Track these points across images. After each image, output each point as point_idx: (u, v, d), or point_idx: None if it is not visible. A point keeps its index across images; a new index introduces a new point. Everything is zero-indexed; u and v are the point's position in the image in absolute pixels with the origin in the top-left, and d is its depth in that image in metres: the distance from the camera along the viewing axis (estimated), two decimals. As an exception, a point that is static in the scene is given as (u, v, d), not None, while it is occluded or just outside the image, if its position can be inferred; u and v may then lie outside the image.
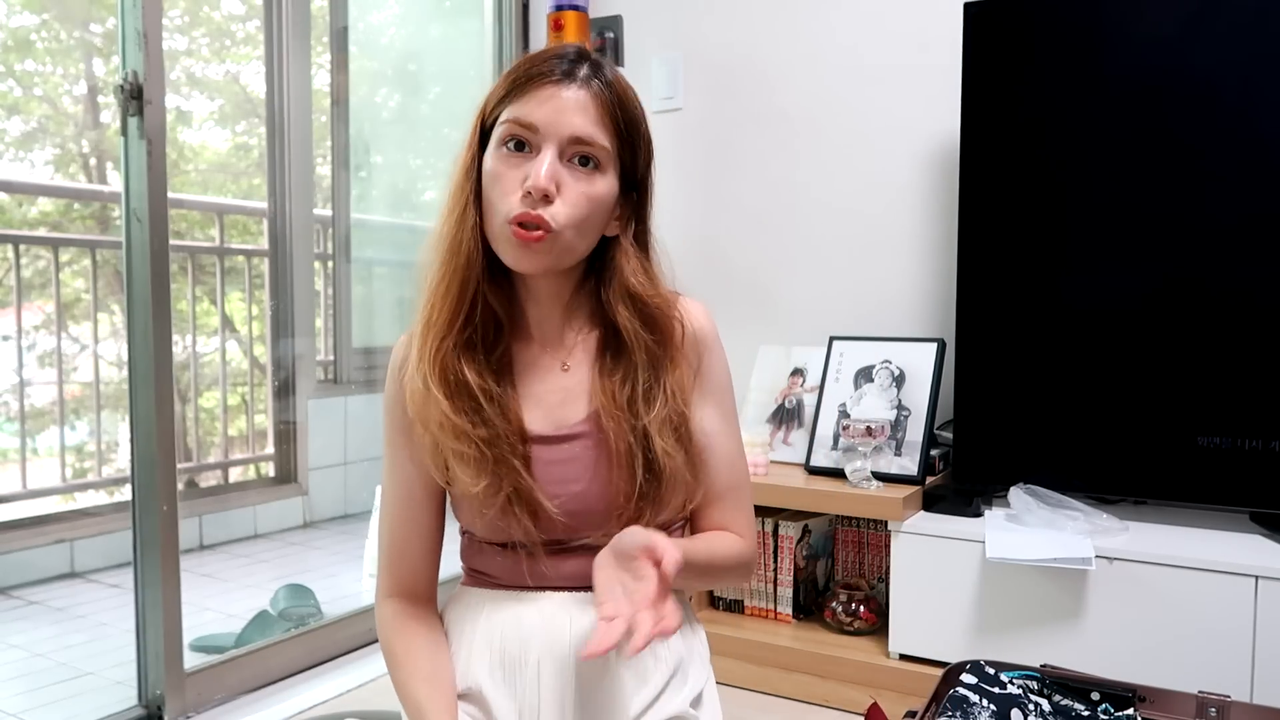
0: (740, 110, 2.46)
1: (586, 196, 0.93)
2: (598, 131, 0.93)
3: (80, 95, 4.00)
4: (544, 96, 0.92)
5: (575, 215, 0.93)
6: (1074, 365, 1.88)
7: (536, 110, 0.92)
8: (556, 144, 0.92)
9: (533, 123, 0.92)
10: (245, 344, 3.68)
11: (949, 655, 1.73)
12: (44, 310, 3.18)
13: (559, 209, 0.92)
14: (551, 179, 0.91)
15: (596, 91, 0.94)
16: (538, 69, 0.94)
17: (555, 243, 0.92)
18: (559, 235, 0.92)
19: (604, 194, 0.95)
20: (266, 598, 2.48)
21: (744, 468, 1.08)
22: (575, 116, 0.92)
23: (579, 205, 0.93)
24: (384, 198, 3.35)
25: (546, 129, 0.92)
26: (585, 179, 0.93)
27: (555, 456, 0.98)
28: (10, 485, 2.97)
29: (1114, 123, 1.84)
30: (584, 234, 0.95)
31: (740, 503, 1.06)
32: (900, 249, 2.28)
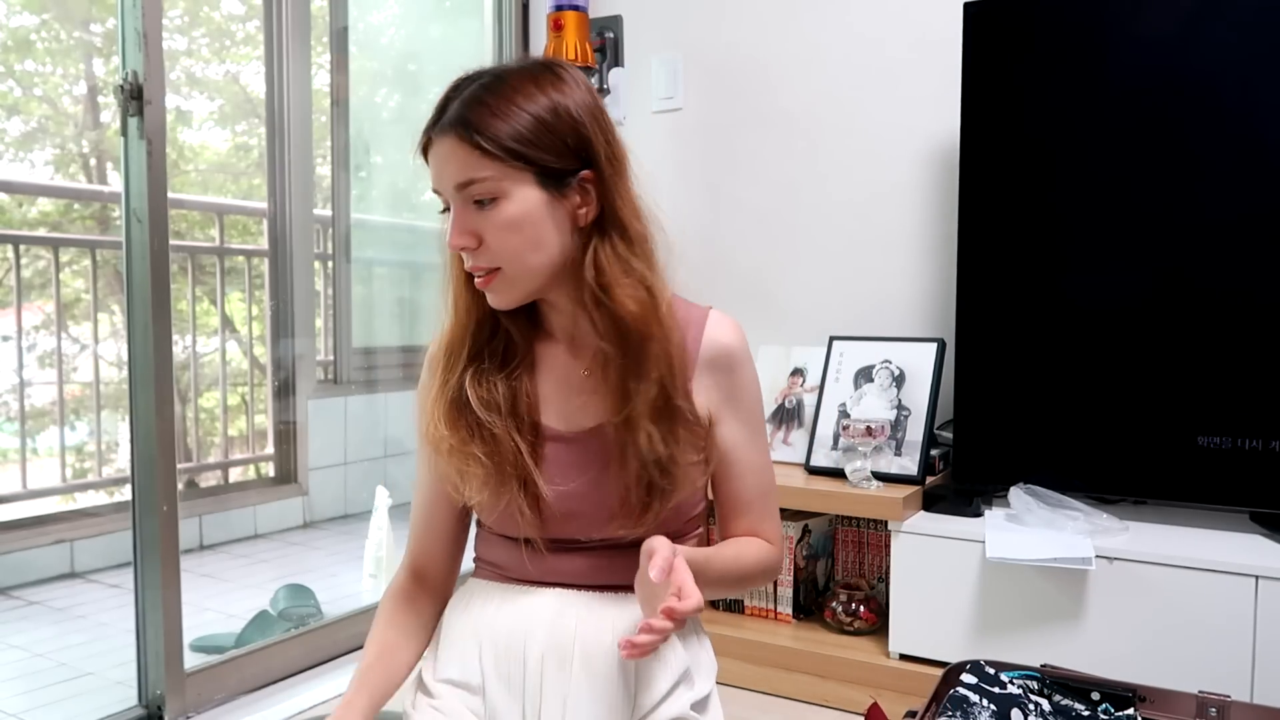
0: (740, 110, 2.46)
1: (501, 228, 0.94)
2: (473, 168, 0.93)
3: (80, 95, 4.00)
4: (430, 157, 0.97)
5: (503, 249, 0.95)
6: (1074, 365, 1.88)
7: (431, 172, 0.97)
8: (454, 198, 0.95)
9: (433, 186, 0.98)
10: (245, 344, 3.68)
11: (949, 655, 1.73)
12: (44, 310, 3.18)
13: (485, 252, 0.95)
14: (461, 235, 0.95)
15: (454, 134, 0.93)
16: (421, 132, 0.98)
17: (506, 278, 0.96)
18: (503, 272, 0.96)
19: (520, 214, 0.94)
20: (266, 598, 2.48)
21: (771, 477, 1.10)
22: (448, 167, 0.94)
23: (500, 239, 0.94)
24: (384, 198, 3.35)
25: (441, 188, 0.97)
26: (491, 214, 0.94)
27: (564, 455, 1.00)
28: (10, 485, 2.97)
29: (1114, 122, 1.84)
30: (529, 256, 0.95)
31: (768, 510, 1.09)
32: (900, 249, 2.28)
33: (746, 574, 1.04)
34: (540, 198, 0.95)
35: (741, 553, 1.04)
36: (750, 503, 1.07)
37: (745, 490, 1.06)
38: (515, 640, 0.99)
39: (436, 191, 0.98)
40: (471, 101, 0.94)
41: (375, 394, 3.41)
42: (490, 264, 0.96)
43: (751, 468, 1.07)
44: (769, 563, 1.07)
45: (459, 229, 0.95)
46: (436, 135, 0.95)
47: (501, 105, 0.94)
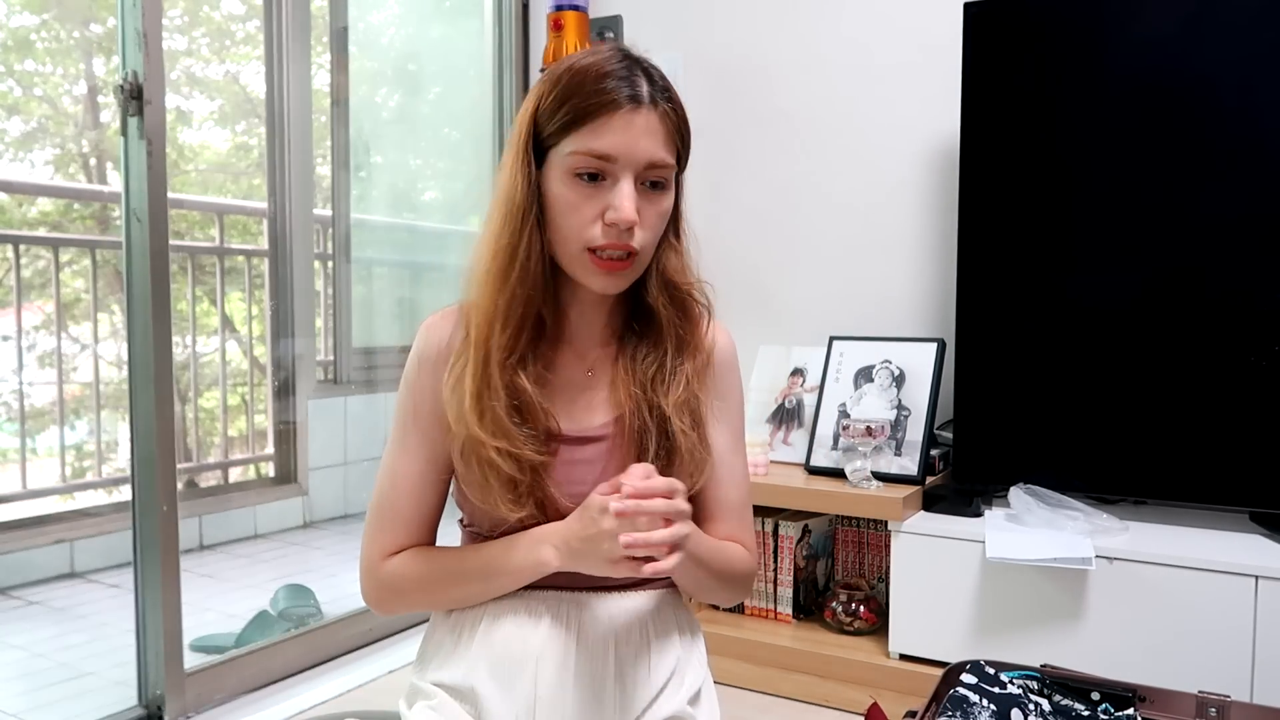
0: (740, 110, 2.46)
1: (659, 216, 0.96)
2: (667, 154, 0.94)
3: (80, 95, 4.00)
4: (616, 125, 0.91)
5: (653, 237, 0.96)
6: (1074, 365, 1.88)
7: (610, 140, 0.91)
8: (633, 172, 0.92)
9: (608, 153, 0.91)
10: (245, 344, 3.68)
11: (949, 655, 1.73)
12: (44, 310, 3.18)
13: (640, 235, 0.94)
14: (636, 210, 0.92)
15: (664, 113, 0.94)
16: (603, 96, 0.91)
17: (637, 264, 0.96)
18: (641, 257, 0.96)
19: (669, 206, 0.98)
20: (266, 598, 2.48)
21: (748, 487, 1.12)
22: (648, 143, 0.92)
23: (656, 227, 0.96)
24: (384, 198, 3.35)
25: (623, 158, 0.92)
26: (658, 200, 0.95)
27: (575, 457, 1.00)
28: (10, 485, 2.96)
29: (1114, 122, 1.84)
30: (654, 247, 0.99)
31: (745, 520, 1.09)
32: (900, 249, 2.28)
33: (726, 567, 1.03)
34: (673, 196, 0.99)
35: (722, 546, 1.04)
36: (731, 509, 1.07)
37: (727, 496, 1.07)
38: (514, 645, 0.98)
39: (603, 157, 0.91)
40: (666, 86, 0.95)
41: (375, 394, 3.40)
42: (639, 245, 0.94)
43: (733, 475, 1.07)
44: (747, 569, 1.07)
45: (636, 205, 0.92)
46: (645, 109, 0.92)
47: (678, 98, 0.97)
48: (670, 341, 1.01)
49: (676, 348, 1.01)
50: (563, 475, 0.98)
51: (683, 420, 0.98)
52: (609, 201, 0.92)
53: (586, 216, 0.92)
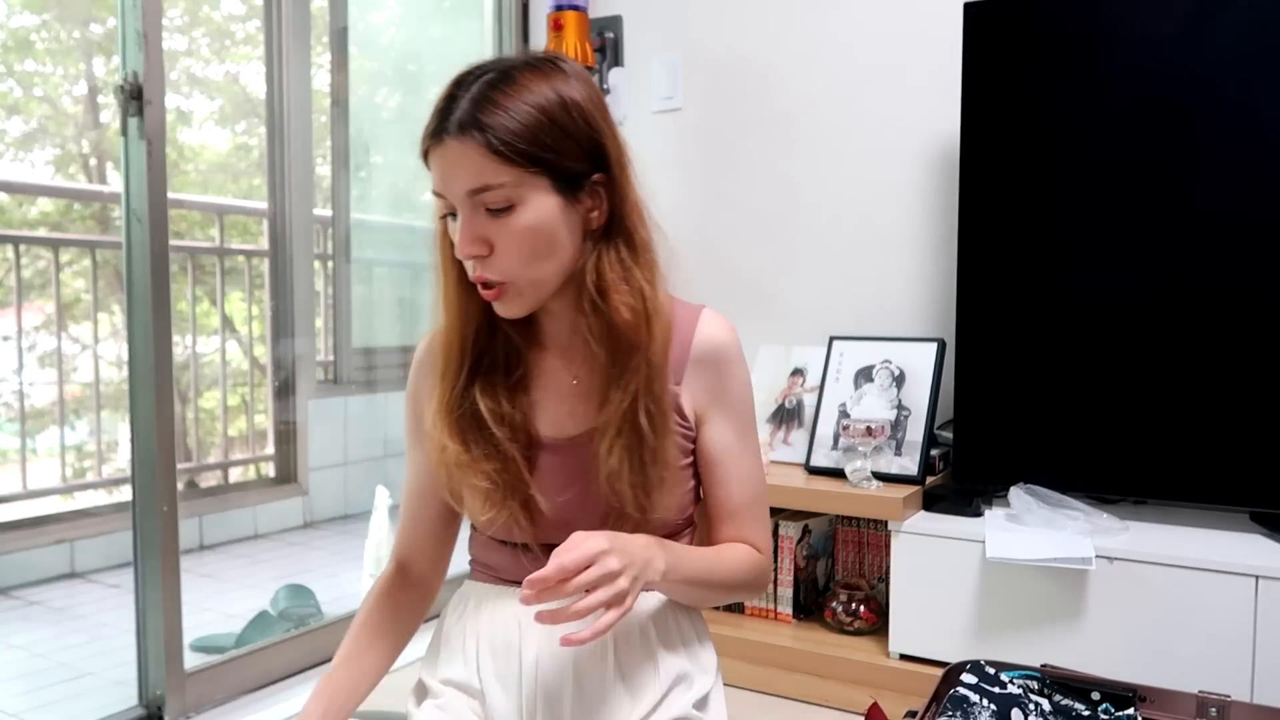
0: (740, 110, 2.46)
1: (514, 237, 0.90)
2: (488, 174, 0.88)
3: (80, 95, 4.00)
4: (434, 161, 0.91)
5: (516, 259, 0.91)
6: (1074, 365, 1.88)
7: (435, 177, 0.92)
8: (462, 204, 0.90)
9: (437, 190, 0.92)
10: (245, 344, 3.68)
11: (949, 655, 1.73)
12: (44, 310, 3.18)
13: (496, 262, 0.91)
14: (472, 243, 0.90)
15: (471, 137, 0.88)
16: (428, 127, 0.91)
17: (516, 289, 0.93)
18: (512, 284, 0.92)
19: (536, 221, 0.90)
20: (266, 598, 2.48)
21: (762, 483, 1.07)
22: (459, 172, 0.89)
23: (514, 248, 0.90)
24: (384, 198, 3.35)
25: (448, 192, 0.91)
26: (506, 221, 0.90)
27: (557, 463, 1.00)
28: (10, 485, 2.96)
29: (1114, 123, 1.84)
30: (540, 265, 0.92)
31: (757, 517, 1.06)
32: (900, 249, 2.28)
33: (728, 578, 1.01)
34: (555, 204, 0.91)
35: (722, 556, 1.02)
36: (737, 509, 1.04)
37: (732, 496, 1.03)
38: (512, 643, 0.99)
39: (440, 195, 0.92)
40: (482, 100, 0.88)
41: (375, 394, 3.41)
42: (501, 275, 0.91)
43: (739, 473, 1.04)
44: (756, 570, 1.04)
45: (470, 236, 0.90)
46: (445, 137, 0.89)
47: (514, 104, 0.89)
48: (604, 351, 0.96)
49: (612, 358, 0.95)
50: (548, 480, 0.99)
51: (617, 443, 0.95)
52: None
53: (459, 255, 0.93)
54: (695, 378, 1.01)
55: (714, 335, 1.02)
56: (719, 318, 1.04)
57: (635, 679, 0.97)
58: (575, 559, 0.83)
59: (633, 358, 0.95)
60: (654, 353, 0.96)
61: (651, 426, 0.95)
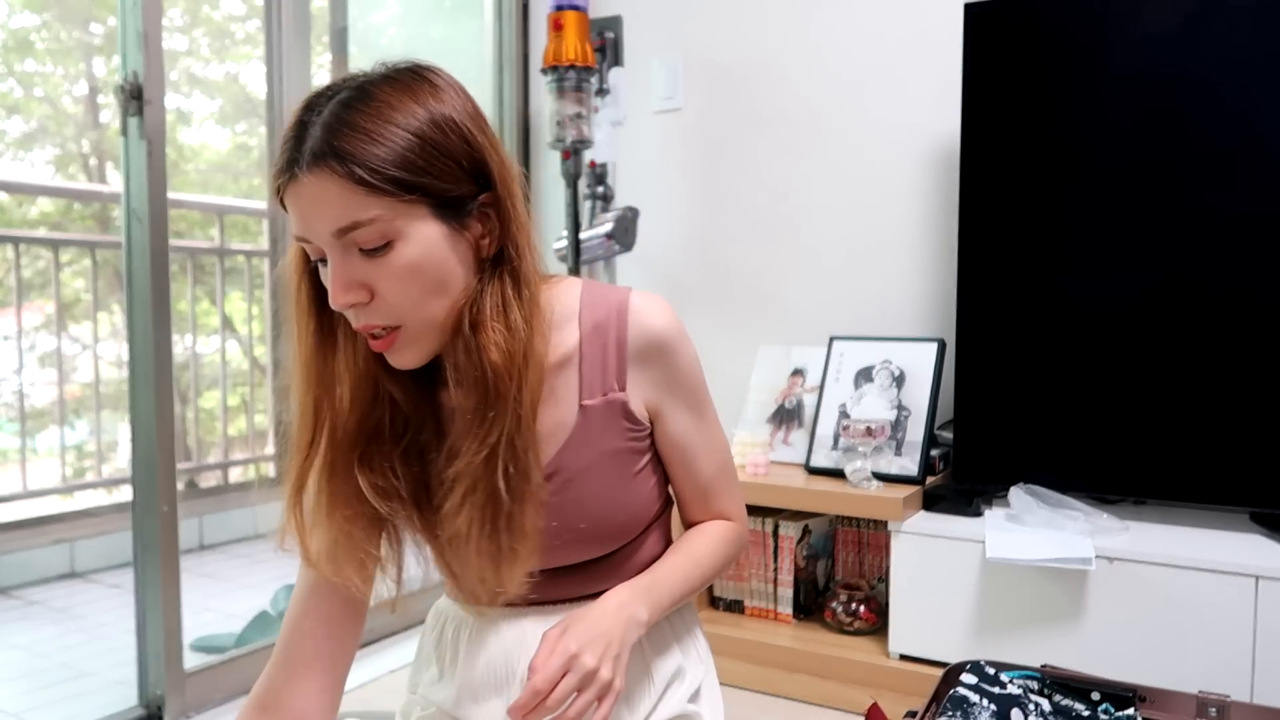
0: (740, 110, 2.46)
1: (399, 276, 0.79)
2: (355, 208, 0.76)
3: (80, 95, 4.01)
4: (290, 201, 0.79)
5: (403, 301, 0.80)
6: (1074, 365, 1.88)
7: (294, 220, 0.79)
8: (331, 248, 0.78)
9: (299, 235, 0.80)
10: (245, 344, 3.69)
11: (949, 655, 1.73)
12: (44, 310, 3.18)
13: (381, 306, 0.80)
14: (347, 290, 0.78)
15: (327, 166, 0.76)
16: (277, 166, 0.79)
17: (410, 334, 0.82)
18: (405, 328, 0.81)
19: (420, 256, 0.79)
20: (266, 598, 2.48)
21: (726, 451, 1.02)
22: (321, 210, 0.77)
23: (398, 290, 0.79)
24: (384, 198, 3.35)
25: (312, 235, 0.79)
26: (385, 260, 0.78)
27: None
28: (10, 485, 2.97)
29: (1115, 123, 1.84)
30: (432, 303, 0.81)
31: (727, 487, 1.02)
32: (900, 249, 2.28)
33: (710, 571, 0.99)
34: (439, 232, 0.80)
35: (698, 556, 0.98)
36: (708, 485, 1.00)
37: (700, 474, 0.99)
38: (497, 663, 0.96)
39: (303, 239, 0.80)
40: (337, 126, 0.76)
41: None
42: (389, 319, 0.80)
43: (703, 451, 0.98)
44: (734, 546, 1.02)
45: (344, 283, 0.78)
46: (298, 172, 0.77)
47: (377, 125, 0.77)
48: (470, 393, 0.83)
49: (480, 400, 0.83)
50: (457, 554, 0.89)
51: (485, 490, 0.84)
52: None
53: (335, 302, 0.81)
54: (640, 374, 0.92)
55: (650, 324, 0.91)
56: (650, 300, 0.93)
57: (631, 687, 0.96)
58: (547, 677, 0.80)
59: (496, 405, 0.82)
60: (522, 405, 0.83)
61: (509, 488, 0.83)
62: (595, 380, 0.91)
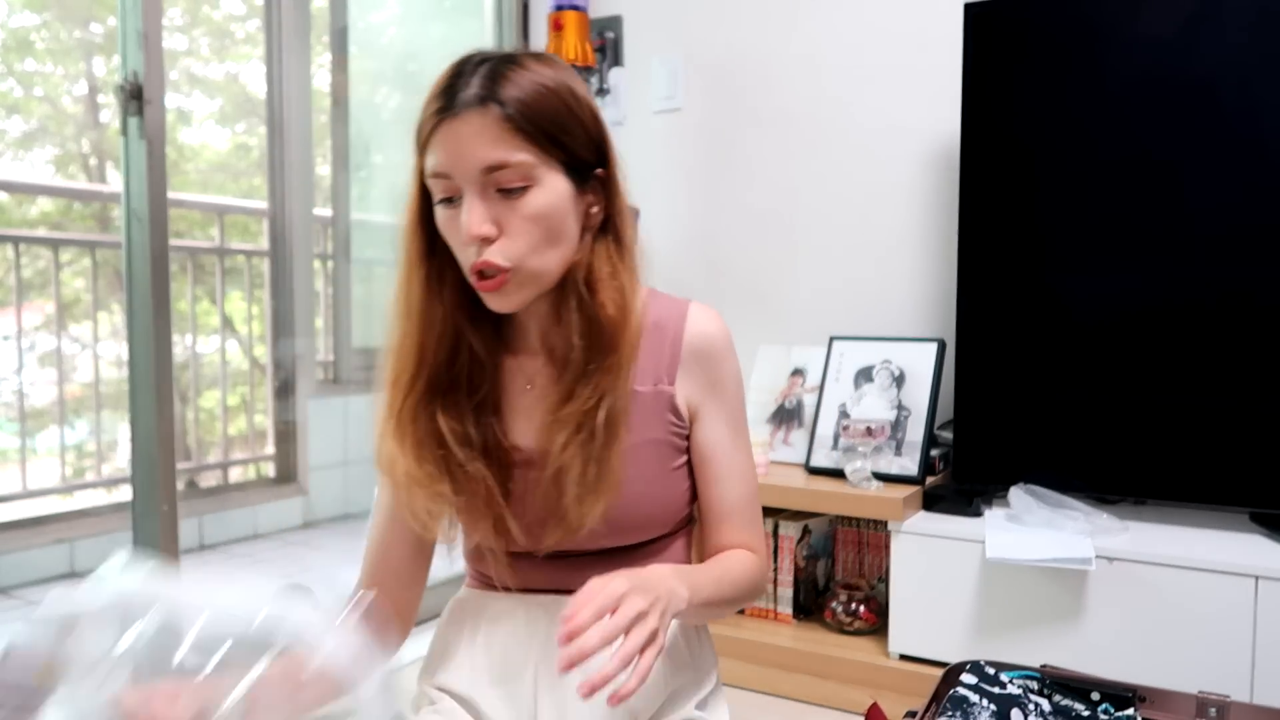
0: (740, 110, 2.46)
1: (526, 220, 0.85)
2: (507, 151, 0.84)
3: (80, 95, 4.01)
4: (444, 136, 0.85)
5: (526, 244, 0.86)
6: (1074, 365, 1.88)
7: (443, 155, 0.85)
8: (474, 183, 0.84)
9: (444, 170, 0.85)
10: (245, 344, 3.68)
11: (949, 655, 1.73)
12: (44, 310, 3.18)
13: (505, 246, 0.86)
14: (482, 224, 0.84)
15: (493, 111, 0.83)
16: (433, 104, 0.86)
17: (519, 278, 0.87)
18: (518, 270, 0.87)
19: (549, 205, 0.86)
20: (266, 598, 2.48)
21: (755, 481, 1.04)
22: (474, 147, 0.83)
23: (524, 233, 0.86)
24: (384, 198, 3.35)
25: (456, 171, 0.85)
26: (517, 204, 0.85)
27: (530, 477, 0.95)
28: (10, 485, 2.96)
29: (1114, 123, 1.84)
30: (547, 252, 0.88)
31: (753, 518, 1.03)
32: (900, 249, 2.28)
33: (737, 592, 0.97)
34: (568, 189, 0.88)
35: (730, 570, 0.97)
36: (733, 510, 1.00)
37: (727, 496, 1.00)
38: (512, 651, 0.97)
39: (441, 176, 0.86)
40: (498, 77, 0.84)
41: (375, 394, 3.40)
42: (507, 261, 0.85)
43: (734, 471, 1.00)
44: (759, 577, 1.01)
45: (481, 216, 0.84)
46: (457, 111, 0.84)
47: (532, 83, 0.85)
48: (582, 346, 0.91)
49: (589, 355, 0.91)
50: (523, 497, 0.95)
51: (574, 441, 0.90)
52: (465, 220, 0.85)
53: (455, 240, 0.88)
54: (688, 374, 0.97)
55: (705, 329, 0.98)
56: (707, 310, 1.00)
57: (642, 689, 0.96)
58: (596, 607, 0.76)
59: (608, 357, 0.90)
60: (625, 357, 0.91)
61: (606, 432, 0.90)
62: (649, 370, 0.96)
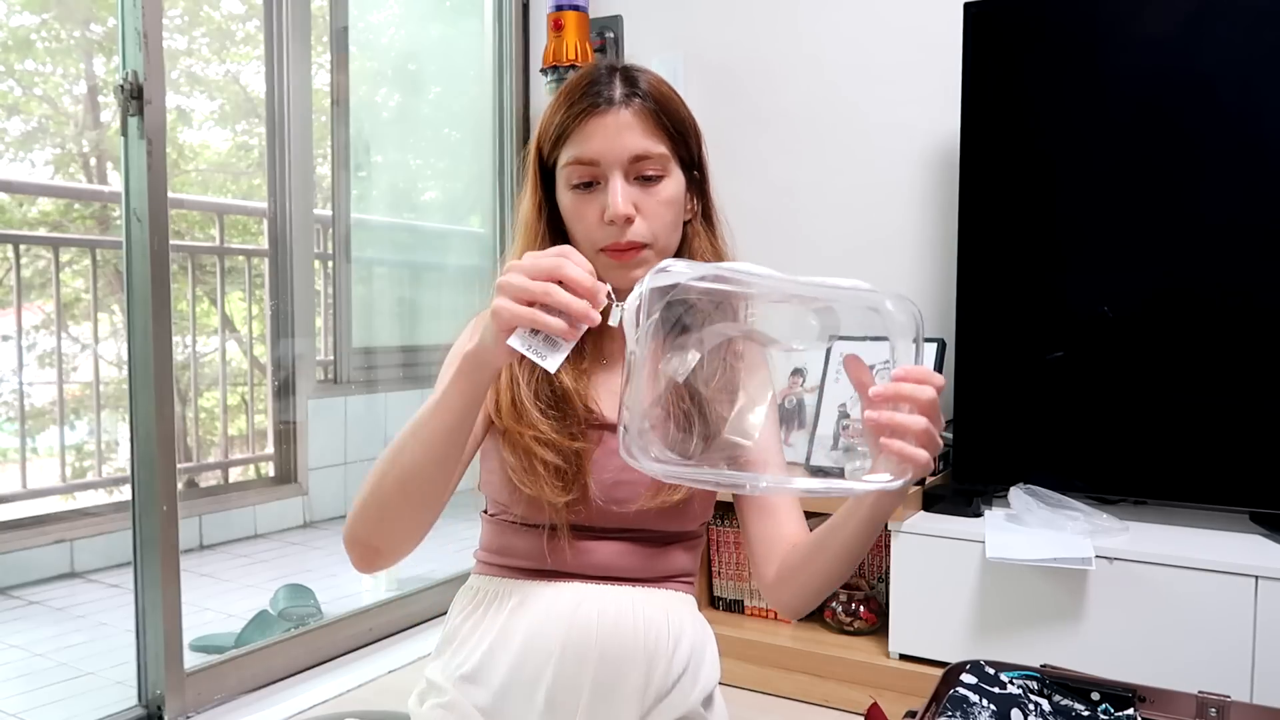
0: (740, 110, 2.46)
1: (662, 205, 0.99)
2: (651, 143, 0.98)
3: (80, 95, 4.01)
4: (593, 129, 0.98)
5: (659, 225, 1.00)
6: (1074, 365, 1.88)
7: (591, 144, 0.98)
8: (620, 169, 0.98)
9: (591, 158, 0.98)
10: (245, 344, 3.68)
11: (949, 655, 1.73)
12: (44, 310, 3.18)
13: (642, 227, 0.98)
14: (628, 204, 0.97)
15: (638, 107, 0.98)
16: (579, 104, 0.98)
17: (650, 255, 1.00)
18: (651, 247, 1.00)
19: (675, 194, 1.01)
20: (266, 598, 2.48)
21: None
22: (627, 139, 0.97)
23: (659, 215, 0.99)
24: (384, 198, 3.35)
25: (606, 159, 0.98)
26: (655, 190, 0.99)
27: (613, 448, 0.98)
28: (10, 485, 2.96)
29: (1114, 123, 1.84)
30: (672, 236, 1.02)
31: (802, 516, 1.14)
32: (900, 249, 2.27)
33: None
34: (684, 183, 1.03)
35: None
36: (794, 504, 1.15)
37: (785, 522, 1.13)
38: (533, 636, 0.98)
39: (586, 163, 0.98)
40: (639, 80, 1.00)
41: (375, 394, 3.40)
42: (644, 238, 0.99)
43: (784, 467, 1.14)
44: None
45: (628, 198, 0.97)
46: (618, 107, 0.97)
47: (672, 93, 1.02)
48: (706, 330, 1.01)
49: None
50: (602, 462, 1.01)
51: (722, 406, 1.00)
52: (604, 202, 0.98)
53: (590, 221, 0.99)
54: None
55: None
56: None
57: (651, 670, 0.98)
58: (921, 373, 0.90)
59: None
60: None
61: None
62: None
